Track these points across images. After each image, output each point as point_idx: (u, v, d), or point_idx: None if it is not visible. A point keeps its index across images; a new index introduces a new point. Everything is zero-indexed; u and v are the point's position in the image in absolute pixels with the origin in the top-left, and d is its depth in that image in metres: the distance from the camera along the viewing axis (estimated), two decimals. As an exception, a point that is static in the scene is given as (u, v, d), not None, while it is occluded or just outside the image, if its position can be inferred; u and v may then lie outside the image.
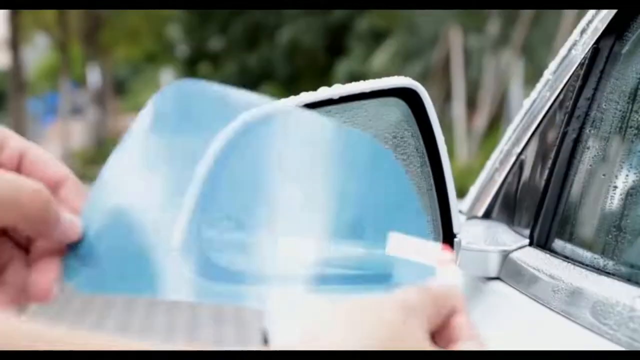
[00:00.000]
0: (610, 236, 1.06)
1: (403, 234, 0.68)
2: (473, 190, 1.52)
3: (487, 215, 1.45)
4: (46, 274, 0.65)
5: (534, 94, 1.37)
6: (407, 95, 1.08)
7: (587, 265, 1.05)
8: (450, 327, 0.66)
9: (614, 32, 1.17)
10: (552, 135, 1.28)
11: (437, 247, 0.66)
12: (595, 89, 1.18)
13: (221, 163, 0.71)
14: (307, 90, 1.07)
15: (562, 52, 1.30)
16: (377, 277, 1.00)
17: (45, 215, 0.61)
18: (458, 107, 14.14)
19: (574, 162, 1.19)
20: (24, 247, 0.67)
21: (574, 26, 1.30)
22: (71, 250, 0.68)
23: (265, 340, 2.06)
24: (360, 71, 17.57)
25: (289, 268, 0.94)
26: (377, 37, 18.61)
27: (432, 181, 1.11)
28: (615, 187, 1.09)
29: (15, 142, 0.65)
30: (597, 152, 1.16)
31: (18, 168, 0.65)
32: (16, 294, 0.64)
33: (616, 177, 1.09)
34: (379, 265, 1.09)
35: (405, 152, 1.11)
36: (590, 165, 1.17)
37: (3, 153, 0.64)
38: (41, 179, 0.64)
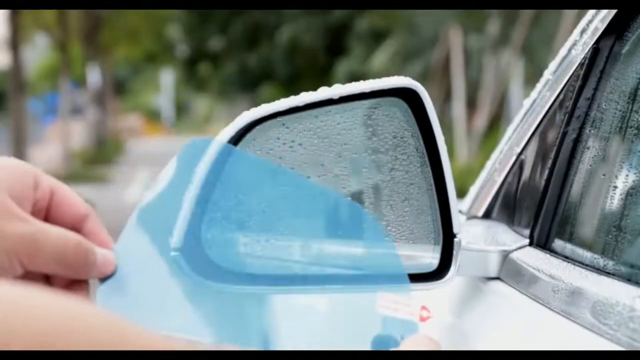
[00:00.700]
0: (610, 236, 1.06)
1: (390, 294, 0.78)
2: (473, 190, 1.52)
3: (487, 215, 1.45)
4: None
5: (534, 94, 1.37)
6: (407, 95, 1.08)
7: (587, 265, 1.05)
8: None
9: (614, 32, 1.17)
10: (552, 135, 1.28)
11: (418, 307, 0.77)
12: (595, 89, 1.18)
13: (218, 166, 0.72)
14: (307, 90, 1.07)
15: (562, 52, 1.30)
16: (370, 277, 1.00)
17: (86, 262, 0.70)
18: (458, 107, 14.14)
19: (574, 162, 1.19)
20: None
21: (574, 26, 1.30)
22: (104, 279, 0.74)
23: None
24: (360, 71, 17.58)
25: (287, 268, 0.94)
26: (377, 37, 18.61)
27: (432, 181, 1.11)
28: (615, 187, 1.09)
29: (46, 181, 0.72)
30: (597, 152, 1.16)
31: (49, 204, 0.72)
32: None
33: (616, 177, 1.09)
34: (375, 265, 1.09)
35: (405, 152, 1.11)
36: (590, 165, 1.17)
37: (38, 190, 0.71)
38: (69, 215, 0.72)
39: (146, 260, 0.75)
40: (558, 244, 1.18)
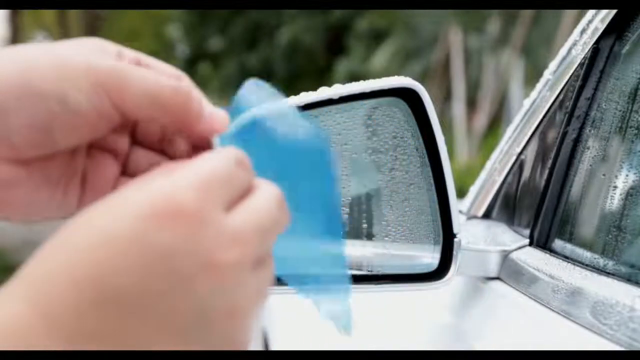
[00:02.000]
0: (610, 236, 1.06)
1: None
2: (473, 190, 1.52)
3: (487, 215, 1.45)
4: None
5: (534, 94, 1.37)
6: (407, 95, 1.08)
7: (587, 265, 1.05)
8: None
9: (614, 32, 1.17)
10: (552, 135, 1.28)
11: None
12: (595, 89, 1.18)
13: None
14: (307, 90, 1.07)
15: (562, 52, 1.30)
16: (371, 276, 0.99)
17: (187, 106, 0.60)
18: (458, 107, 14.14)
19: (574, 162, 1.19)
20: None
21: (574, 26, 1.30)
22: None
23: (266, 340, 2.06)
24: (360, 71, 17.57)
25: (287, 268, 0.93)
26: (377, 37, 18.60)
27: (432, 181, 1.11)
28: (615, 187, 1.09)
29: (128, 51, 0.64)
30: (597, 152, 1.16)
31: None
32: None
33: (616, 177, 1.09)
34: (376, 265, 1.09)
35: (405, 152, 1.11)
36: (590, 165, 1.17)
37: (123, 60, 0.63)
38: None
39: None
40: (558, 244, 1.18)
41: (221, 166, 0.53)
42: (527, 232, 1.25)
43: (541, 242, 1.21)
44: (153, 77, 0.60)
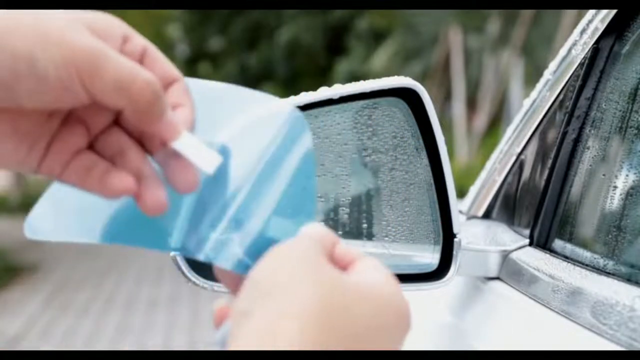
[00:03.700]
0: (610, 236, 1.06)
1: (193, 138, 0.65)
2: (473, 190, 1.52)
3: (487, 215, 1.45)
4: (186, 168, 0.65)
5: (534, 94, 1.37)
6: (407, 95, 1.08)
7: (587, 265, 1.05)
8: None
9: (614, 32, 1.17)
10: (552, 135, 1.28)
11: (216, 156, 0.65)
12: (595, 89, 1.18)
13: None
14: (307, 90, 1.07)
15: (562, 52, 1.30)
16: None
17: (151, 107, 0.62)
18: (458, 107, 14.15)
19: (574, 162, 1.19)
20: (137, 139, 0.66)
21: (574, 26, 1.30)
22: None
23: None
24: (360, 71, 17.58)
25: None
26: (377, 37, 18.61)
27: (432, 181, 1.11)
28: (615, 187, 1.09)
29: (139, 38, 0.65)
30: (597, 152, 1.16)
31: (140, 61, 0.65)
32: (132, 180, 0.63)
33: (616, 177, 1.09)
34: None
35: (405, 152, 1.11)
36: (590, 165, 1.17)
37: (128, 44, 0.64)
38: (160, 76, 0.64)
39: None
40: (558, 244, 1.18)
41: None
42: (527, 232, 1.25)
43: (541, 242, 1.21)
44: (128, 66, 0.61)
